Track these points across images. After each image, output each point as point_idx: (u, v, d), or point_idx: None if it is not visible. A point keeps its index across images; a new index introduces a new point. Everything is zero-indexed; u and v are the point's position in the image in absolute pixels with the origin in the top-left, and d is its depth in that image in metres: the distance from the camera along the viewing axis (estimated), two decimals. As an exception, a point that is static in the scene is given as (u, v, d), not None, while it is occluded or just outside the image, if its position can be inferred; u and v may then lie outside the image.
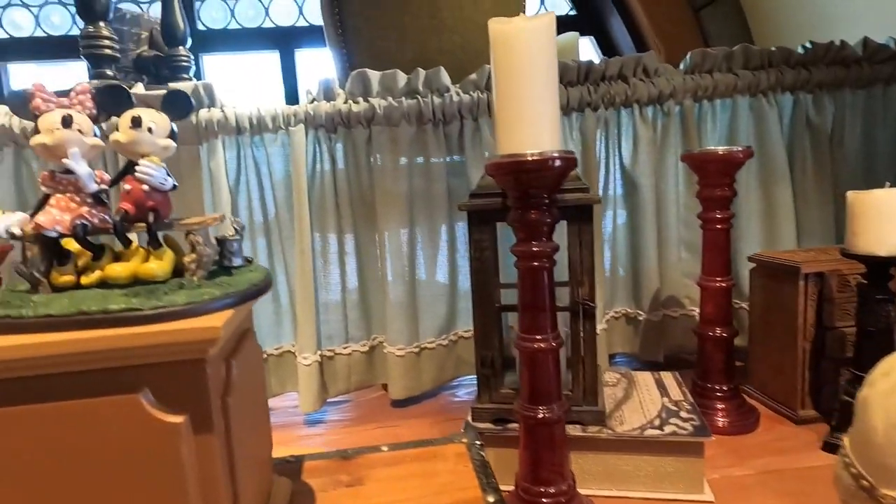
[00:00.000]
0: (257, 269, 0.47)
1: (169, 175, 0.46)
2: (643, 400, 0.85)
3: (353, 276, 1.12)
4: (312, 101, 1.06)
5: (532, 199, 0.64)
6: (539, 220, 0.64)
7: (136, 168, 0.44)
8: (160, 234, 0.45)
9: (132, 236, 0.46)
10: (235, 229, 0.48)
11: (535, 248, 0.64)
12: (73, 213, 0.43)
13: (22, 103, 0.42)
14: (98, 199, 0.45)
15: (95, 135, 0.45)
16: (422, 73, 1.06)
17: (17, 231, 0.41)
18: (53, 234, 0.42)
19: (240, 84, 2.09)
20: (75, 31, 1.88)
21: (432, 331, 1.13)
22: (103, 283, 0.42)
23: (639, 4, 1.81)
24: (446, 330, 1.15)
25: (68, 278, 0.42)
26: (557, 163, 0.61)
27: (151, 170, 0.44)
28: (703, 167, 0.89)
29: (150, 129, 0.45)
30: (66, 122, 0.42)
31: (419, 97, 1.05)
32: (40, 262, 0.41)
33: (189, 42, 1.30)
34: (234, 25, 1.95)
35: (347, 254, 1.11)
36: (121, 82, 0.59)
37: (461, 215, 1.12)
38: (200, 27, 1.89)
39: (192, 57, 1.33)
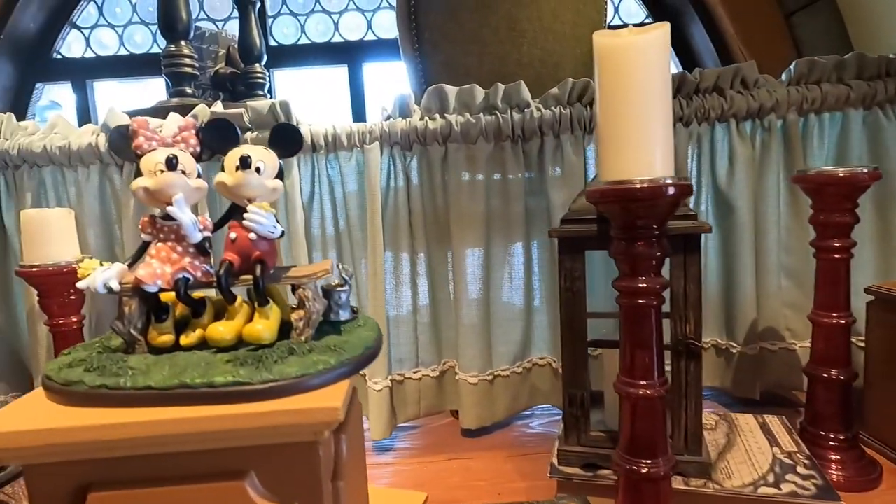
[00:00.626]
0: (366, 322, 0.42)
1: (277, 222, 0.42)
2: (750, 449, 0.76)
3: (425, 298, 1.08)
4: (388, 118, 1.03)
5: (640, 231, 0.57)
6: (647, 253, 0.57)
7: (245, 215, 0.40)
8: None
9: (237, 290, 0.42)
10: (344, 279, 0.44)
11: (641, 285, 0.58)
12: (175, 265, 0.40)
13: (122, 141, 0.40)
14: (201, 249, 0.42)
15: (198, 175, 0.42)
16: (500, 87, 1.01)
17: (115, 286, 0.38)
18: (154, 290, 0.39)
19: (308, 99, 2.11)
20: (156, 50, 1.95)
21: (506, 357, 1.07)
22: (204, 343, 0.39)
23: (723, 10, 1.70)
24: (521, 357, 1.09)
25: (167, 338, 0.39)
26: (671, 191, 0.55)
27: (261, 217, 0.40)
28: (820, 190, 0.80)
29: (258, 170, 0.41)
30: (172, 163, 0.39)
31: (497, 113, 1.01)
32: (137, 319, 0.38)
33: (265, 59, 1.31)
34: (304, 41, 1.97)
35: (419, 274, 1.07)
36: (227, 117, 0.55)
37: (538, 236, 1.07)
38: (272, 43, 1.92)
39: (267, 73, 1.34)
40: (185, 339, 0.39)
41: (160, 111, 1.16)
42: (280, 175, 0.42)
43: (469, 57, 1.16)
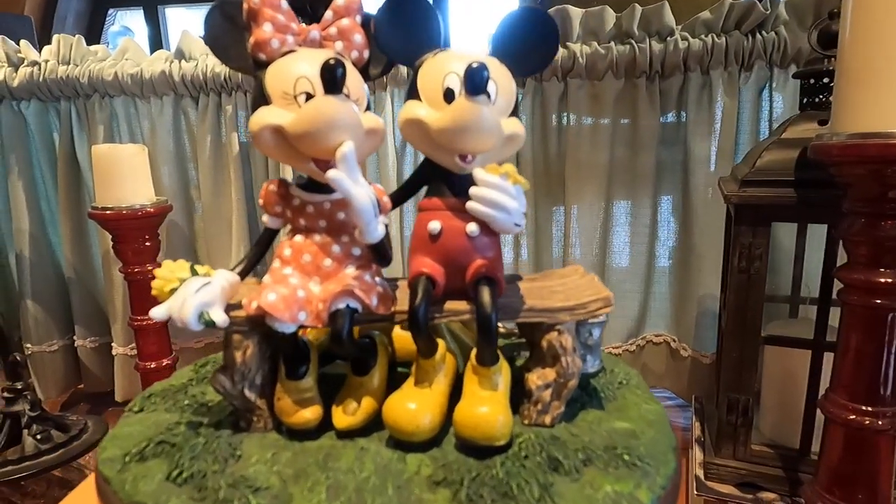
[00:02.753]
0: (628, 377, 0.26)
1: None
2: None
3: (528, 261, 0.94)
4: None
5: (892, 205, 0.41)
6: (901, 237, 0.41)
7: (473, 190, 0.22)
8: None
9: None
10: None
11: (883, 279, 0.42)
12: (329, 281, 0.22)
13: (226, 30, 0.24)
14: (377, 250, 0.24)
15: (367, 106, 0.22)
16: (638, 10, 0.82)
17: (221, 319, 0.21)
18: (290, 329, 0.21)
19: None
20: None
21: (619, 334, 0.93)
22: (372, 423, 0.22)
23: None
24: (635, 333, 0.95)
25: (311, 415, 0.21)
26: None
27: (504, 195, 0.20)
28: None
29: (487, 95, 0.21)
30: (333, 78, 0.20)
31: (633, 42, 0.82)
32: (256, 372, 0.20)
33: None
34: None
35: (524, 233, 0.93)
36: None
37: (669, 193, 0.90)
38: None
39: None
40: (343, 419, 0.22)
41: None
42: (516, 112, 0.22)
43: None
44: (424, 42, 0.23)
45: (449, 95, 0.22)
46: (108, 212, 0.83)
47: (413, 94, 0.23)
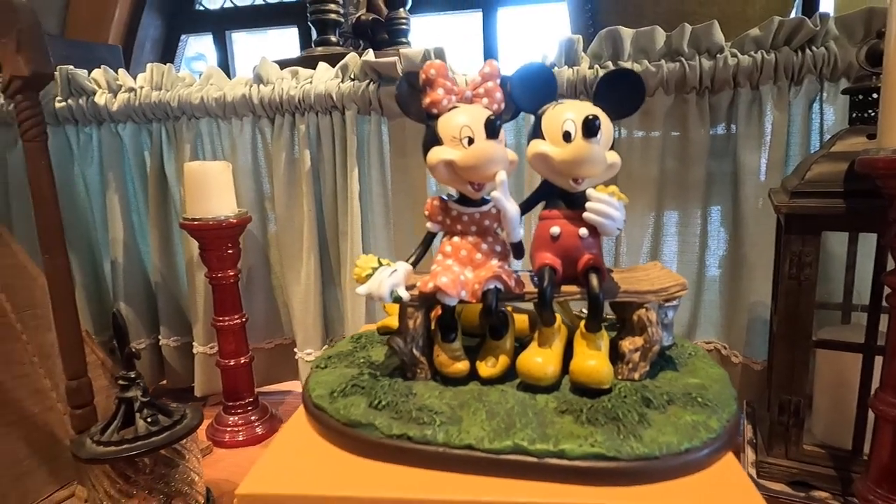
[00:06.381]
0: (696, 350, 0.32)
1: None
2: None
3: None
4: (552, 67, 0.92)
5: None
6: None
7: (589, 204, 0.30)
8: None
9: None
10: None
11: (930, 282, 0.45)
12: (481, 268, 0.30)
13: (411, 93, 0.32)
14: (515, 248, 0.33)
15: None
16: (688, 28, 0.86)
17: (405, 295, 0.30)
18: (454, 302, 0.29)
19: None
20: (290, -1, 1.94)
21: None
22: (506, 374, 0.30)
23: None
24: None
25: (462, 366, 0.30)
26: None
27: (612, 207, 0.30)
28: None
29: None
30: (494, 128, 0.29)
31: (683, 59, 0.86)
32: (420, 336, 0.29)
33: (409, 4, 1.24)
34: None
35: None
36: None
37: (718, 203, 0.93)
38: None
39: (409, 19, 1.26)
40: (486, 370, 0.30)
41: (306, 61, 1.13)
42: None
43: (645, -7, 1.00)
44: (545, 97, 0.30)
45: (567, 136, 0.28)
46: (196, 222, 0.92)
47: (538, 134, 0.30)
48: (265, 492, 0.24)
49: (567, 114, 0.30)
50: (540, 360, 0.28)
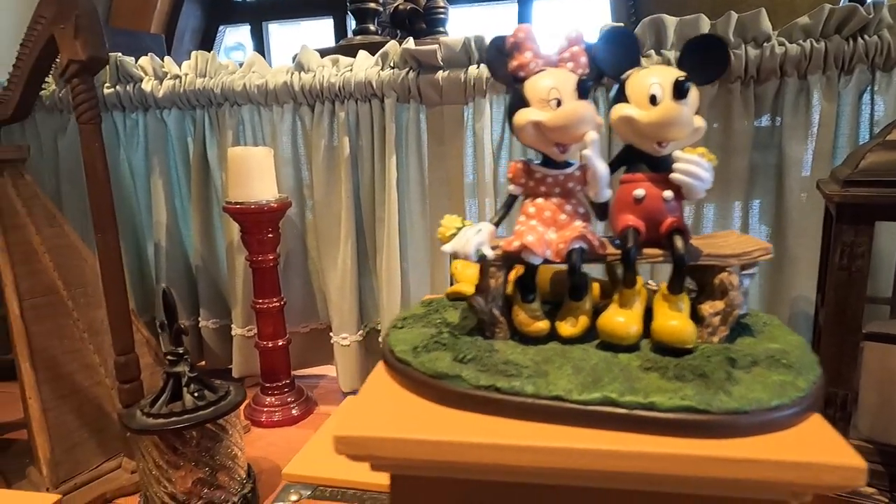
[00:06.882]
0: (770, 320, 0.32)
1: None
2: None
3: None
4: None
5: None
6: None
7: (677, 165, 0.31)
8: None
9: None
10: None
11: None
12: (565, 229, 0.31)
13: (499, 58, 0.33)
14: (600, 208, 0.33)
15: None
16: (734, 16, 0.85)
17: (489, 253, 0.30)
18: (538, 261, 0.30)
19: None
20: (327, -11, 1.95)
21: (708, 332, 0.95)
22: (584, 336, 0.31)
23: None
24: (723, 333, 0.96)
25: (543, 325, 0.31)
26: None
27: (702, 168, 0.30)
28: None
29: None
30: (584, 89, 0.29)
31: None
32: (500, 295, 0.30)
33: (447, -8, 1.24)
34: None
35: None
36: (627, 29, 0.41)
37: (761, 196, 0.91)
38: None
39: (447, 9, 1.26)
40: (567, 329, 0.30)
41: (345, 50, 1.14)
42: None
43: (689, -19, 0.98)
44: (628, 61, 0.31)
45: (653, 99, 0.29)
46: (238, 206, 0.94)
47: (621, 98, 0.31)
48: (364, 434, 0.24)
49: (651, 78, 0.30)
50: (622, 319, 0.29)
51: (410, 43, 0.97)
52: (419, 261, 1.05)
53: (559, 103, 0.29)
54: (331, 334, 1.10)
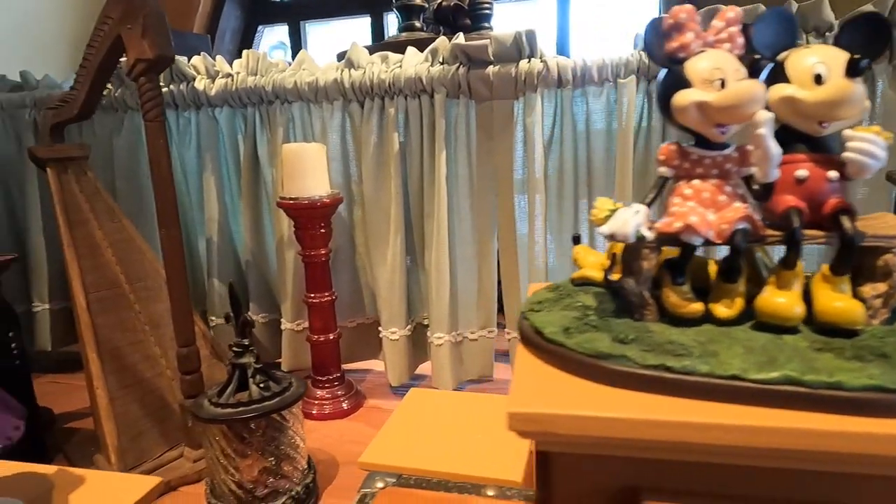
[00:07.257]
0: None
1: None
2: None
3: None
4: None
5: None
6: None
7: (851, 144, 0.30)
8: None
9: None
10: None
11: None
12: (727, 210, 0.31)
13: (657, 39, 0.33)
14: (766, 188, 0.32)
15: None
16: (794, 5, 0.83)
17: (649, 234, 0.31)
18: (699, 242, 0.30)
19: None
20: (364, -13, 1.96)
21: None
22: (739, 318, 0.31)
23: None
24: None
25: (697, 307, 0.31)
26: None
27: (878, 147, 0.30)
28: None
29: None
30: (757, 69, 0.30)
31: (788, 38, 0.83)
32: (651, 278, 0.30)
33: (492, -12, 1.24)
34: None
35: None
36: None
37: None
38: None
39: (493, 4, 1.26)
40: (722, 311, 0.30)
41: (392, 47, 1.15)
42: None
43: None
44: (786, 42, 0.31)
45: (818, 79, 0.29)
46: (292, 201, 0.96)
47: (780, 79, 0.31)
48: (539, 411, 0.25)
49: (812, 58, 0.30)
50: (784, 300, 0.29)
51: (460, 38, 0.97)
52: (467, 255, 1.05)
53: (723, 84, 0.29)
54: (379, 329, 1.11)
